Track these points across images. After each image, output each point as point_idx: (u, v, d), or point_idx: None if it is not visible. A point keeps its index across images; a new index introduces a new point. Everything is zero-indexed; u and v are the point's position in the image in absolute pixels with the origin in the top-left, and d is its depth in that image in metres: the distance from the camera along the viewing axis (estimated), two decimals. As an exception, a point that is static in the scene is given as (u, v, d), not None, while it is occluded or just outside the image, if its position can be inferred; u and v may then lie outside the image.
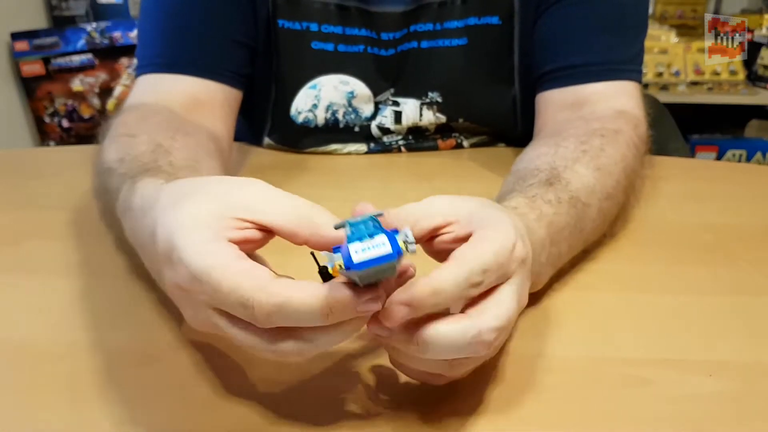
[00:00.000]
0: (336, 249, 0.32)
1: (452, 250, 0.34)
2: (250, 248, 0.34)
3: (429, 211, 0.36)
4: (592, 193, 0.50)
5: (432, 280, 0.32)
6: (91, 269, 0.53)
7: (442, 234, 0.36)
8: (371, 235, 0.31)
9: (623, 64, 0.65)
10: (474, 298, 0.34)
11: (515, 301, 0.34)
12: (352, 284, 0.31)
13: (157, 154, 0.48)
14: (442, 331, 0.32)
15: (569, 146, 0.54)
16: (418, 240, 0.36)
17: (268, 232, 0.34)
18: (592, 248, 0.53)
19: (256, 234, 0.33)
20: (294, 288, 0.30)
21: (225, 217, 0.33)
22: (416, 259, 0.35)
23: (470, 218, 0.36)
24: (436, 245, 0.36)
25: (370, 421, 0.37)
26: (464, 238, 0.35)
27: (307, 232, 0.33)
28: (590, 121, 0.59)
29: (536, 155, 0.54)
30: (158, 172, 0.45)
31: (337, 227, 0.32)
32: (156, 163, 0.47)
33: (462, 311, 0.34)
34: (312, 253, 0.36)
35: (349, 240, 0.31)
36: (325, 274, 0.36)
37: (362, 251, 0.30)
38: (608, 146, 0.55)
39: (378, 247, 0.30)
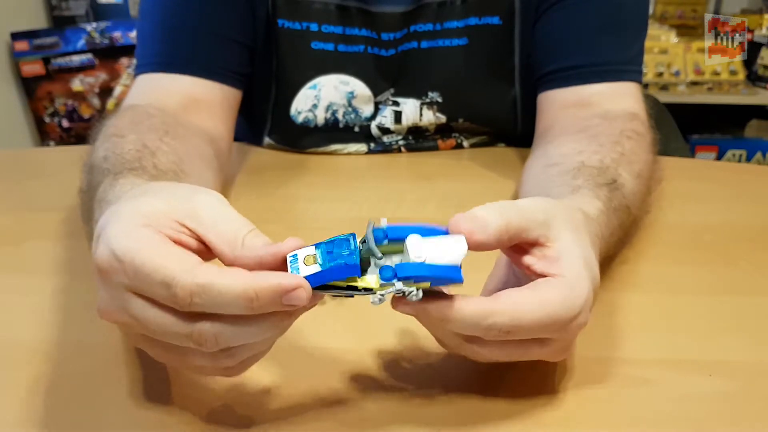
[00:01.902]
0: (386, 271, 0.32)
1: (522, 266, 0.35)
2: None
3: (530, 225, 0.35)
4: (635, 203, 0.51)
5: (453, 309, 0.32)
6: (91, 269, 0.53)
7: (529, 253, 0.35)
8: (329, 253, 0.31)
9: (624, 64, 0.65)
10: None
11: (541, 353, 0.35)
12: (281, 274, 0.30)
13: (141, 153, 0.48)
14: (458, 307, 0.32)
15: (605, 145, 0.54)
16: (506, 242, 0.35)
17: (204, 246, 0.33)
18: None
19: (192, 242, 0.33)
20: (221, 272, 0.30)
21: (168, 217, 0.33)
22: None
23: (557, 255, 0.35)
24: (518, 259, 0.36)
25: (370, 419, 0.37)
26: (537, 271, 0.35)
27: (231, 256, 0.32)
28: (611, 121, 0.59)
29: (573, 150, 0.54)
30: (142, 172, 0.45)
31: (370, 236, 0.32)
32: (140, 162, 0.47)
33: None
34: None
35: (320, 246, 0.32)
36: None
37: (300, 265, 0.31)
38: (638, 150, 0.55)
39: (303, 270, 0.31)
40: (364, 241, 0.32)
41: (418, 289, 0.31)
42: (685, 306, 0.48)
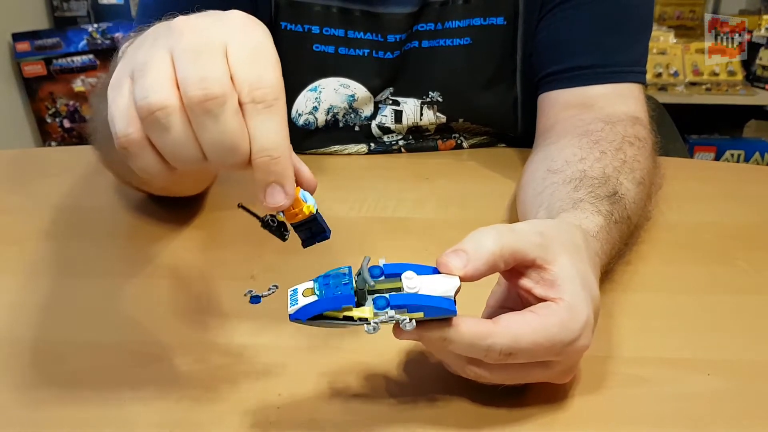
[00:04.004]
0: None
1: (519, 290, 0.36)
2: None
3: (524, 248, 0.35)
4: (636, 211, 0.51)
5: (453, 329, 0.33)
6: (91, 269, 0.53)
7: (526, 276, 0.36)
8: (322, 287, 0.32)
9: (628, 66, 0.65)
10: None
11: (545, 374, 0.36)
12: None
13: None
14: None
15: (607, 152, 0.54)
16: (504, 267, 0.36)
17: None
18: None
19: None
20: None
21: None
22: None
23: (555, 279, 0.35)
24: (516, 282, 0.36)
25: (375, 419, 0.37)
26: (538, 298, 0.35)
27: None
28: (613, 125, 0.59)
29: (576, 157, 0.54)
30: None
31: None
32: None
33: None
34: (240, 205, 0.35)
35: (318, 279, 0.33)
36: (269, 225, 0.35)
37: (298, 297, 0.33)
38: (640, 156, 0.55)
39: (301, 301, 0.32)
40: (359, 274, 0.33)
41: (411, 319, 0.32)
42: (684, 305, 0.48)
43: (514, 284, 0.37)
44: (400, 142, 0.77)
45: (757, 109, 2.10)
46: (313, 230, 0.35)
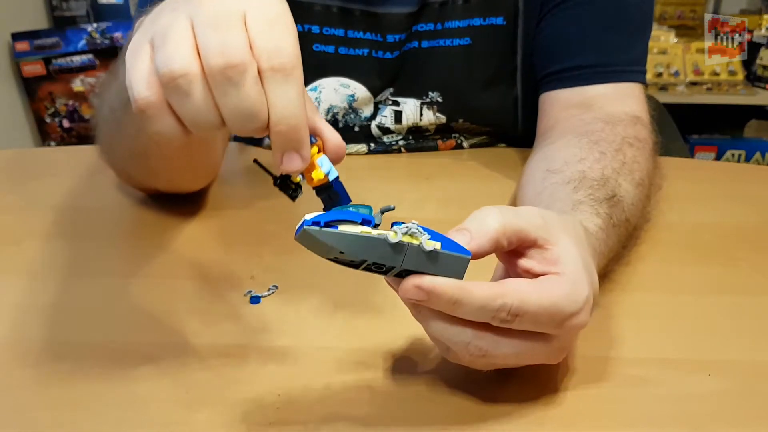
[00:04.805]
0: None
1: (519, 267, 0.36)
2: None
3: (527, 227, 0.36)
4: (635, 213, 0.51)
5: (464, 290, 0.33)
6: (91, 269, 0.53)
7: (527, 256, 0.36)
8: (338, 210, 0.32)
9: (628, 65, 0.65)
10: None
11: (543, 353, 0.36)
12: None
13: None
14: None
15: (607, 153, 0.54)
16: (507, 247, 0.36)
17: None
18: None
19: None
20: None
21: None
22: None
23: (557, 257, 0.35)
24: (515, 263, 0.36)
25: (373, 418, 0.37)
26: (537, 273, 0.35)
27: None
28: (613, 126, 0.59)
29: (575, 157, 0.54)
30: None
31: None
32: None
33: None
34: (256, 161, 0.35)
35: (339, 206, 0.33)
36: (282, 184, 0.36)
37: (314, 216, 0.32)
38: (640, 157, 0.56)
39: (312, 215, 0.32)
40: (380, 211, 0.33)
41: (429, 245, 0.32)
42: (684, 306, 0.48)
43: (514, 264, 0.37)
44: (400, 143, 0.77)
45: (757, 109, 2.11)
46: (332, 197, 0.35)
